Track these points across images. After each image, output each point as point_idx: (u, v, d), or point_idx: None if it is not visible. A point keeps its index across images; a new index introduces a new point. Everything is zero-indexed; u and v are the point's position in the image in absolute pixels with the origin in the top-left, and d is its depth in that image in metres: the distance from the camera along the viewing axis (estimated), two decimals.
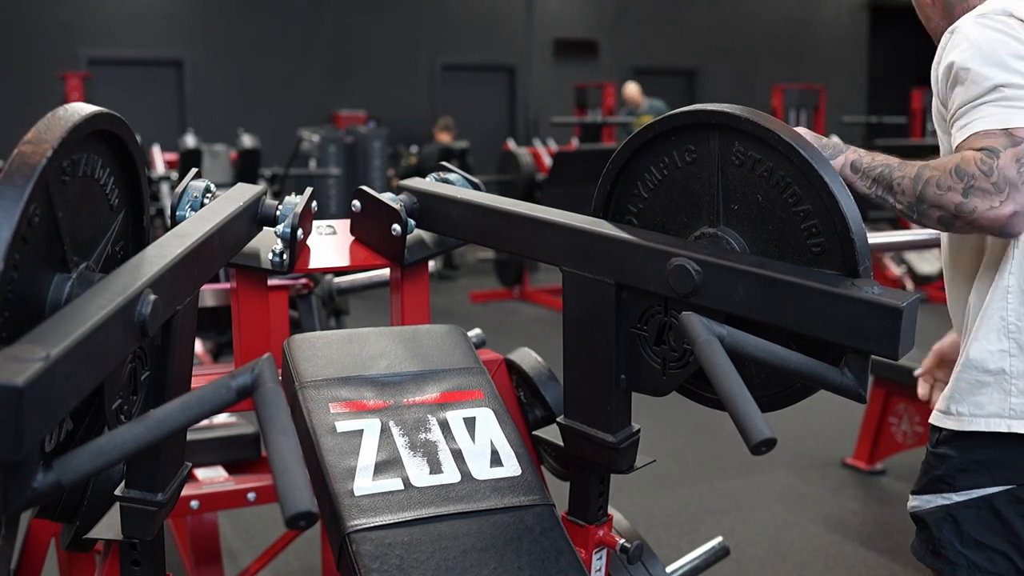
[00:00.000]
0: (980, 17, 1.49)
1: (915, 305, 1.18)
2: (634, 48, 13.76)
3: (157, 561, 1.35)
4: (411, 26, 12.39)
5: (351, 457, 1.30)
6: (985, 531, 1.52)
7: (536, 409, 1.75)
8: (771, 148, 1.27)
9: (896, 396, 3.73)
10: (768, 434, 1.05)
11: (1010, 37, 1.45)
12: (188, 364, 1.31)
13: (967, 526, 1.53)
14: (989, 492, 1.51)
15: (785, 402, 1.35)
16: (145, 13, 11.35)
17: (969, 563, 1.53)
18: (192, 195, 1.56)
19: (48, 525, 1.98)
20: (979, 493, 1.51)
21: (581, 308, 1.40)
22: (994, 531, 1.51)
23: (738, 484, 3.79)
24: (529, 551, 1.27)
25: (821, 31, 15.23)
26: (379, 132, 10.29)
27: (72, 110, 1.05)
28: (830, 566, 3.08)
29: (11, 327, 0.96)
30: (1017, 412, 1.47)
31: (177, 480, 1.29)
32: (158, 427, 0.97)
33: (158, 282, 1.07)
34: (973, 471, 1.52)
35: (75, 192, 1.08)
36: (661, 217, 1.42)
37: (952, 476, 1.53)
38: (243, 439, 2.68)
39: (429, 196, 1.67)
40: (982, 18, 1.48)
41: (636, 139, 1.40)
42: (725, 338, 1.17)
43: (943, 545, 1.55)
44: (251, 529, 3.29)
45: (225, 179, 6.79)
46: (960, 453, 1.53)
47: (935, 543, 1.56)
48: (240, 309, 1.66)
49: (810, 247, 1.27)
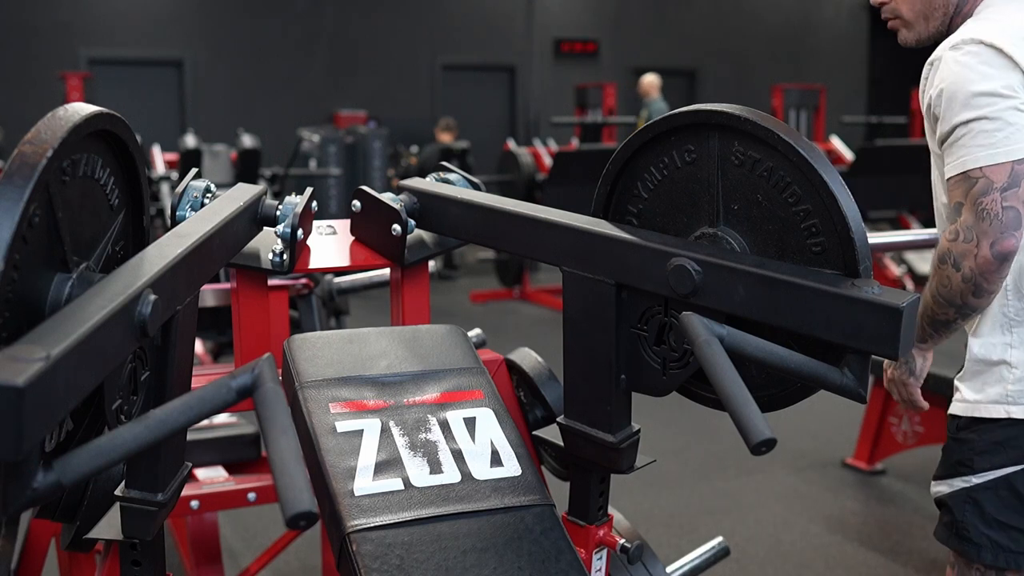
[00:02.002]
0: (953, 49, 1.53)
1: (915, 305, 1.18)
2: (634, 48, 13.76)
3: (157, 561, 1.35)
4: (411, 26, 12.39)
5: (351, 457, 1.30)
6: (1006, 511, 1.58)
7: (536, 409, 1.75)
8: (771, 148, 1.27)
9: None
10: (768, 434, 1.05)
11: (980, 67, 1.49)
12: (188, 364, 1.31)
13: (989, 507, 1.59)
14: (1008, 472, 1.57)
15: (785, 402, 1.35)
16: (145, 13, 11.35)
17: (992, 543, 1.59)
18: (192, 195, 1.56)
19: (48, 525, 1.98)
20: (998, 474, 1.58)
21: (581, 308, 1.40)
22: (1015, 510, 1.58)
23: (738, 484, 3.79)
24: (529, 551, 1.27)
25: (821, 31, 15.22)
26: (379, 132, 10.28)
27: (72, 110, 1.05)
28: (830, 566, 3.08)
29: (11, 327, 0.96)
30: (1014, 399, 1.57)
31: (177, 480, 1.29)
32: (158, 427, 0.97)
33: (158, 282, 1.07)
34: (991, 452, 1.59)
35: (75, 192, 1.08)
36: (661, 217, 1.42)
37: (971, 459, 1.60)
38: (243, 439, 2.68)
39: (429, 196, 1.67)
40: (955, 50, 1.53)
41: (636, 139, 1.40)
42: (725, 338, 1.17)
43: (966, 527, 1.61)
44: (251, 529, 3.29)
45: (225, 179, 6.78)
46: (978, 436, 1.60)
47: (958, 526, 1.62)
48: (240, 309, 1.66)
49: (810, 247, 1.27)
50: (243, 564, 2.95)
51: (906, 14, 1.67)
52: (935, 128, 1.56)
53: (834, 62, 15.07)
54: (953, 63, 1.51)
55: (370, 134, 10.14)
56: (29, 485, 0.91)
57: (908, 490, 3.75)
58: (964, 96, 1.49)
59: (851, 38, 15.45)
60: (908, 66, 13.94)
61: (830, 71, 14.57)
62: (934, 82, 1.54)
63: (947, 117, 1.51)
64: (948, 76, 1.51)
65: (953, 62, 1.51)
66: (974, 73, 1.49)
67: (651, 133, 1.38)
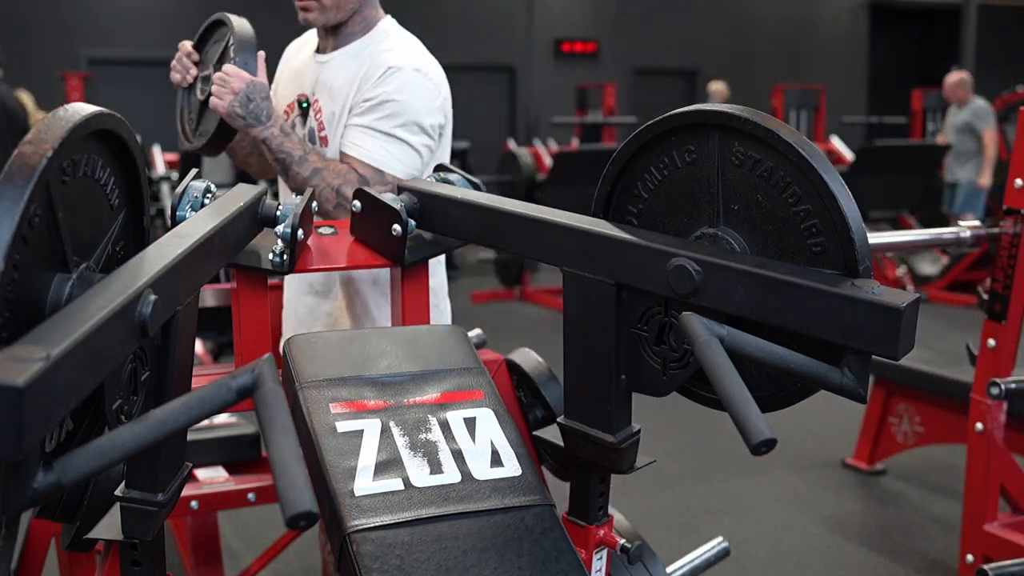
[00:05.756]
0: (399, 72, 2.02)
1: (915, 305, 1.18)
2: (634, 48, 13.77)
3: (157, 561, 1.35)
4: (411, 26, 12.35)
5: (351, 457, 1.30)
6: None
7: (536, 409, 1.75)
8: (771, 148, 1.27)
9: (897, 396, 3.73)
10: (768, 434, 1.05)
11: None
12: (188, 364, 1.31)
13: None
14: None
15: (785, 402, 1.35)
16: (145, 13, 11.35)
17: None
18: (192, 195, 1.56)
19: (48, 525, 1.98)
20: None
21: (581, 308, 1.40)
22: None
23: (738, 484, 3.79)
24: (529, 551, 1.27)
25: (821, 31, 15.23)
26: None
27: (72, 110, 1.05)
28: (830, 566, 3.08)
29: (11, 327, 0.96)
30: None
31: (177, 480, 1.29)
32: (158, 427, 0.97)
33: (158, 282, 1.07)
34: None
35: (75, 192, 1.08)
36: (661, 217, 1.42)
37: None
38: (243, 439, 2.68)
39: (429, 196, 1.67)
40: (413, 72, 2.04)
41: (636, 140, 1.40)
42: (725, 338, 1.17)
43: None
44: (251, 529, 3.29)
45: (225, 179, 6.79)
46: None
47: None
48: (240, 309, 1.66)
49: (810, 247, 1.27)
50: (243, 564, 2.95)
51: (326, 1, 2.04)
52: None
53: (834, 62, 15.08)
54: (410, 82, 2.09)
55: None
56: (29, 485, 0.91)
57: (908, 490, 3.75)
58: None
59: (851, 38, 15.46)
60: (908, 66, 13.95)
61: (830, 71, 14.58)
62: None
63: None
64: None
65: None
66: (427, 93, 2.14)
67: (651, 133, 1.38)
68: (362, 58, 2.09)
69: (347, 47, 2.11)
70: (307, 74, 2.18)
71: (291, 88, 2.20)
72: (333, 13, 2.04)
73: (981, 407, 2.51)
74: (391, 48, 2.10)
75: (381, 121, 2.00)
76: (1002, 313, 2.43)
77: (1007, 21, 16.24)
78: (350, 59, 2.09)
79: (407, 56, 2.07)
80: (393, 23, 2.16)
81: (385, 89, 2.02)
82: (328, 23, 2.05)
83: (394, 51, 2.08)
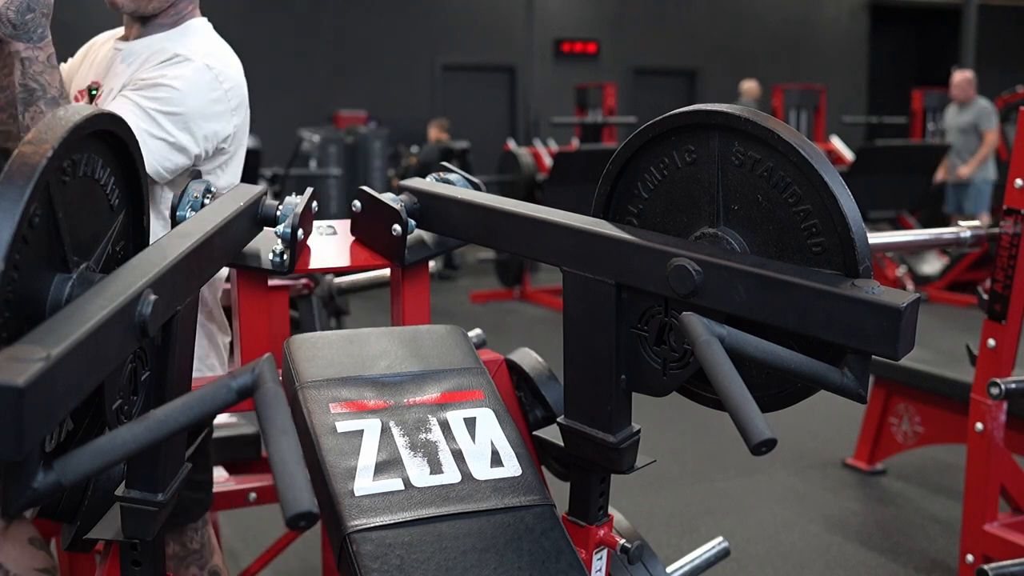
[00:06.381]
0: (186, 62, 1.81)
1: (915, 305, 1.18)
2: (634, 48, 13.77)
3: (157, 561, 1.35)
4: (411, 26, 12.39)
5: (351, 457, 1.30)
6: None
7: (536, 409, 1.75)
8: (771, 148, 1.27)
9: (896, 396, 3.73)
10: (768, 434, 1.05)
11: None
12: (188, 364, 1.31)
13: None
14: None
15: (785, 402, 1.35)
16: None
17: None
18: (192, 195, 1.56)
19: (48, 525, 1.98)
20: None
21: (581, 308, 1.40)
22: None
23: (738, 484, 3.79)
24: (530, 551, 1.27)
25: (821, 31, 15.23)
26: (379, 132, 10.28)
27: (72, 110, 1.05)
28: (830, 566, 3.08)
29: (11, 327, 0.96)
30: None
31: (177, 480, 1.29)
32: (158, 427, 0.97)
33: (158, 282, 1.07)
34: None
35: (75, 192, 1.09)
36: (661, 217, 1.42)
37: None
38: (243, 439, 2.68)
39: (429, 196, 1.67)
40: (190, 63, 1.82)
41: (636, 139, 1.40)
42: (725, 338, 1.17)
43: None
44: (251, 529, 3.29)
45: None
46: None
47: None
48: (240, 309, 1.67)
49: (810, 247, 1.27)
50: (243, 564, 2.94)
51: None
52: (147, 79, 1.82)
53: (834, 62, 15.08)
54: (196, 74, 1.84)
55: (370, 134, 10.14)
56: (29, 485, 0.91)
57: (908, 490, 3.75)
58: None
59: (851, 38, 15.46)
60: (908, 66, 13.93)
61: (830, 71, 14.58)
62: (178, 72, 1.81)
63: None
64: (185, 86, 1.81)
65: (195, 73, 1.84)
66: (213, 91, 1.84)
67: (651, 133, 1.38)
68: (157, 48, 1.90)
69: (150, 37, 1.92)
70: (103, 63, 1.99)
71: (88, 76, 2.00)
72: (145, 2, 1.87)
73: (981, 407, 2.51)
74: (191, 44, 1.89)
75: (148, 101, 1.76)
76: (1002, 313, 2.44)
77: (1007, 21, 16.24)
78: (145, 48, 1.90)
79: (204, 52, 1.86)
80: (206, 24, 1.98)
81: (165, 72, 1.80)
82: (138, 11, 1.88)
83: (192, 46, 1.87)
